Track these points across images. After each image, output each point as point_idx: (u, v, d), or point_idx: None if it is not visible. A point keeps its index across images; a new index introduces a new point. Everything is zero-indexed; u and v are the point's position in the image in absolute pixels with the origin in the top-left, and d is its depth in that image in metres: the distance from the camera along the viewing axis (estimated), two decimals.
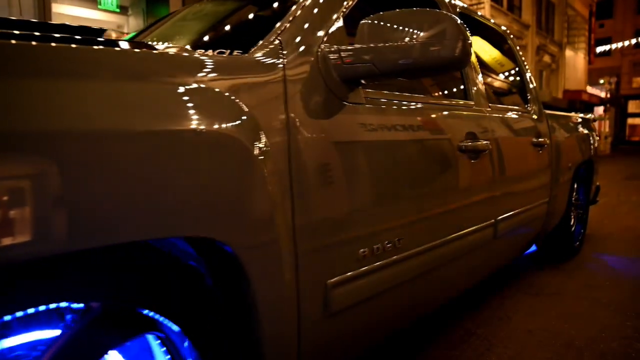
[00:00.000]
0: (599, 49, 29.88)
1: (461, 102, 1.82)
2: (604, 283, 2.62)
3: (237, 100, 0.90)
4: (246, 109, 0.90)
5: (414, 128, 1.41)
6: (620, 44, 28.76)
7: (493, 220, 1.91)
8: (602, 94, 28.58)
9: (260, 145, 0.91)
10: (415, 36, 1.05)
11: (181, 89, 0.81)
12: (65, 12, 6.18)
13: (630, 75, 34.83)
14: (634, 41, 29.04)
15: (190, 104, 0.81)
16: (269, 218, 0.91)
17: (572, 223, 3.14)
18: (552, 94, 22.73)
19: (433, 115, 1.55)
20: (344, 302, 1.14)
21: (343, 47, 1.14)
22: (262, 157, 0.90)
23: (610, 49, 30.01)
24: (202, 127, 0.80)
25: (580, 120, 3.33)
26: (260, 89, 0.97)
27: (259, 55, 1.04)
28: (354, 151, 1.17)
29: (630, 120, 36.66)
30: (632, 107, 36.03)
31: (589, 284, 2.60)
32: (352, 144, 1.16)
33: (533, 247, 3.04)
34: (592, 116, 3.74)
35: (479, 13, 2.36)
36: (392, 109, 1.36)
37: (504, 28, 2.69)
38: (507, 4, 20.00)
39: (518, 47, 2.77)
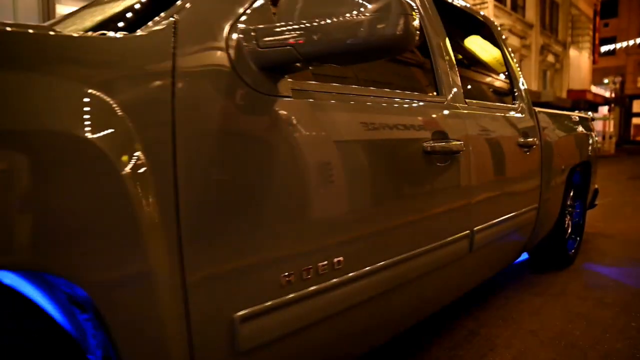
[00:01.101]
0: (604, 49, 29.77)
1: (429, 96, 1.60)
2: (608, 284, 2.61)
3: (101, 96, 0.71)
4: (114, 108, 0.72)
5: (361, 126, 1.20)
6: (624, 44, 28.64)
7: (468, 232, 1.68)
8: (607, 94, 28.45)
9: (130, 154, 0.72)
10: (347, 12, 0.85)
11: (13, 78, 0.64)
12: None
13: (635, 74, 34.68)
14: (638, 40, 28.91)
15: (23, 98, 0.63)
16: (137, 246, 0.73)
17: (566, 230, 2.93)
18: (556, 93, 22.66)
19: (389, 111, 1.34)
20: (258, 338, 0.94)
21: (260, 28, 0.93)
22: (131, 168, 0.71)
23: (614, 48, 29.88)
24: (35, 127, 0.63)
25: (577, 119, 3.10)
26: (136, 83, 0.76)
27: (141, 38, 0.81)
28: (273, 153, 0.96)
29: (635, 120, 36.50)
30: (637, 106, 35.88)
31: (592, 285, 2.59)
32: (270, 145, 0.96)
33: (525, 255, 2.87)
34: (591, 115, 3.46)
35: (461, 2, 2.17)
36: (334, 103, 1.15)
37: (486, 15, 2.45)
38: (511, 3, 19.96)
39: (504, 37, 2.53)
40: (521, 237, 2.30)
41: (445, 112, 1.60)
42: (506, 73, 2.43)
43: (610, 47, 29.64)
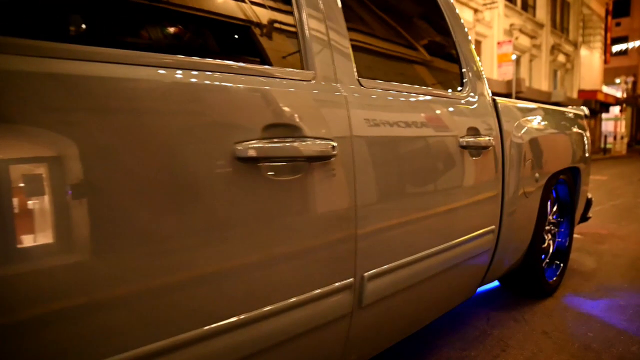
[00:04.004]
0: (615, 48, 29.43)
1: (272, 69, 1.03)
2: (622, 285, 2.58)
3: None
4: None
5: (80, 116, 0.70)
6: (637, 43, 28.28)
7: (351, 280, 1.14)
8: (618, 94, 28.13)
9: None
10: None
11: None
12: None
13: None
14: None
15: None
16: None
17: (545, 253, 2.44)
18: (566, 94, 22.45)
19: (159, 91, 0.80)
20: None
21: None
22: None
23: (626, 48, 29.53)
24: None
25: (565, 115, 2.53)
26: None
27: None
28: None
29: None
30: None
31: (606, 286, 2.56)
32: None
33: (495, 283, 2.47)
34: (585, 111, 2.85)
35: None
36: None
37: None
38: (522, 3, 19.81)
39: (456, 9, 1.87)
40: (470, 271, 1.73)
41: (309, 95, 1.07)
42: (453, 52, 1.81)
43: (622, 46, 29.29)
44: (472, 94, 1.76)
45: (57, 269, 0.67)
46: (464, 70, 1.80)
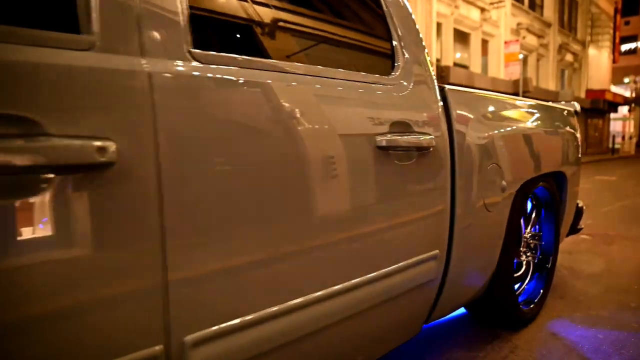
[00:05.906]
0: (624, 47, 29.19)
1: (21, 32, 0.68)
2: (631, 287, 2.56)
3: None
4: None
5: None
6: None
7: (160, 347, 0.80)
8: (627, 93, 27.90)
9: None
10: None
11: None
12: None
13: None
14: None
15: None
16: None
17: (522, 276, 2.14)
18: (574, 93, 22.29)
19: None
20: None
21: None
22: None
23: (635, 47, 29.27)
24: None
25: (553, 111, 2.19)
26: None
27: None
28: None
29: None
30: None
31: (615, 288, 2.54)
32: None
33: (462, 310, 2.10)
34: (576, 107, 2.48)
35: None
36: None
37: None
38: (529, 2, 19.69)
39: None
40: (401, 311, 1.36)
41: (75, 71, 0.71)
42: (380, 25, 1.39)
43: (631, 45, 29.06)
44: (404, 79, 1.36)
45: None
46: (395, 44, 1.38)
